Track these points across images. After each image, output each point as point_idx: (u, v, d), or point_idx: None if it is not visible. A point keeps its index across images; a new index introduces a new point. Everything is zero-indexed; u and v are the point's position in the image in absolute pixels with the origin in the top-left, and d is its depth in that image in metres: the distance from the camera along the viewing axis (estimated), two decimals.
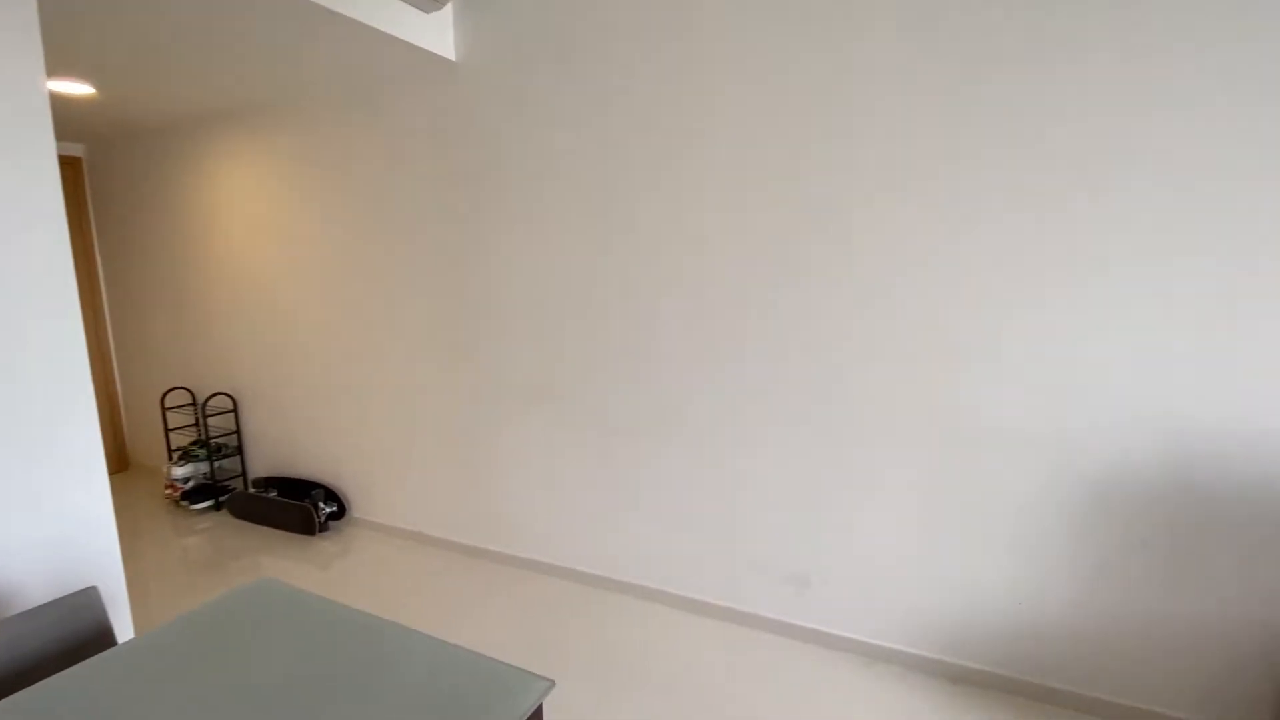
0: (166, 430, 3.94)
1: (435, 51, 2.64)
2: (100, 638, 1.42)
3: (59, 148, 2.47)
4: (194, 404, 4.03)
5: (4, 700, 1.10)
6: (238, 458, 3.98)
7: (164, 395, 4.00)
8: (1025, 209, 1.91)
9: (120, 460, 4.54)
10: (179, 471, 3.84)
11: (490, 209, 2.82)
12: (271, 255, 3.60)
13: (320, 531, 3.44)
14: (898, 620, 2.27)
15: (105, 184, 4.24)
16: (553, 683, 1.14)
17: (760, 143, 2.23)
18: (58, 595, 1.44)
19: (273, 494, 3.67)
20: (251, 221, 3.62)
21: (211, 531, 3.54)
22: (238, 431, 3.95)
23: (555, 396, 2.81)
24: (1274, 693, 1.82)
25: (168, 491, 3.87)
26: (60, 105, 3.12)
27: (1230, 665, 1.86)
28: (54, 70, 2.60)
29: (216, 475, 3.90)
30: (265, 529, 3.56)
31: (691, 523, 2.59)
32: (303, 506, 3.43)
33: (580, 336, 2.71)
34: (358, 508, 3.59)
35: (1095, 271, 1.86)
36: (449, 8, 2.67)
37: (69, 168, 4.15)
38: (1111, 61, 1.77)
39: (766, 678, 2.23)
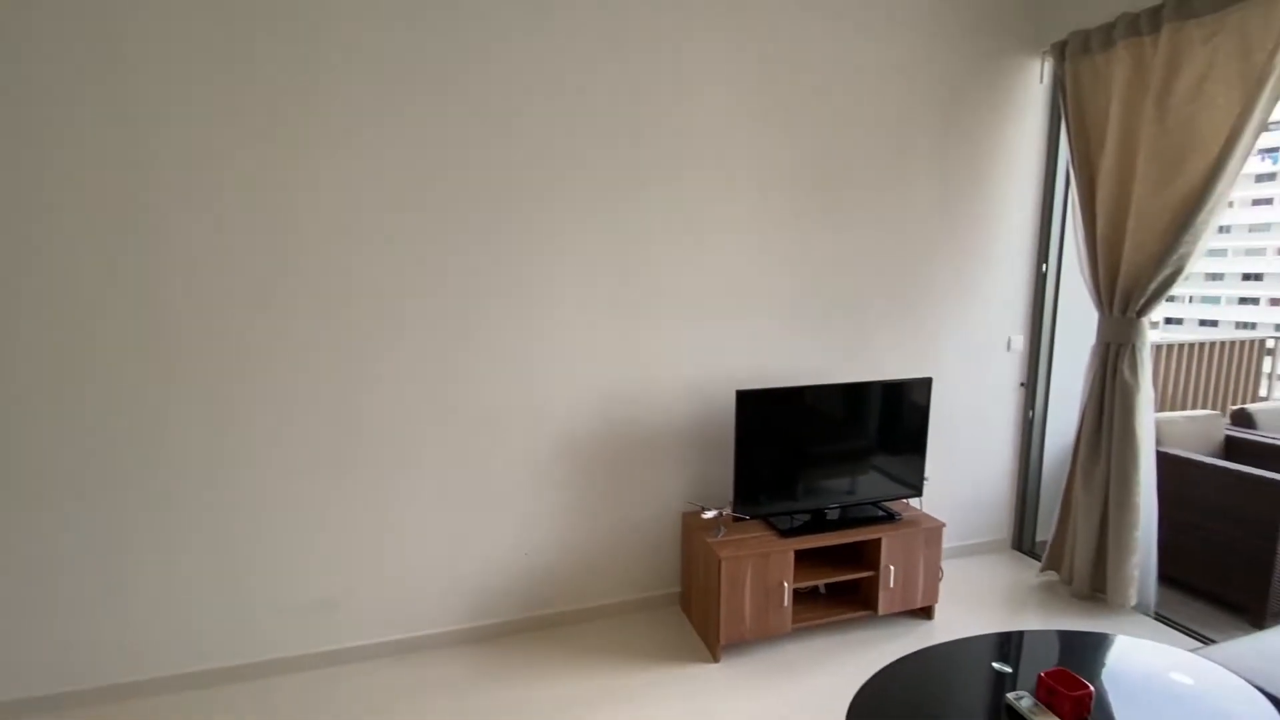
0: None
1: None
2: None
3: None
4: None
5: None
6: None
7: None
8: (490, 245, 2.31)
9: None
10: None
11: None
12: None
13: None
14: (431, 607, 2.45)
15: None
16: None
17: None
18: None
19: None
20: None
21: None
22: None
23: None
24: (676, 558, 2.73)
25: None
26: None
27: (652, 548, 2.70)
28: None
29: None
30: None
31: (189, 584, 2.19)
32: None
33: None
34: None
35: (547, 281, 2.40)
36: None
37: None
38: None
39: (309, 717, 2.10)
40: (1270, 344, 4.45)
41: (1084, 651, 1.77)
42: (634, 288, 2.51)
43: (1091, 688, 1.45)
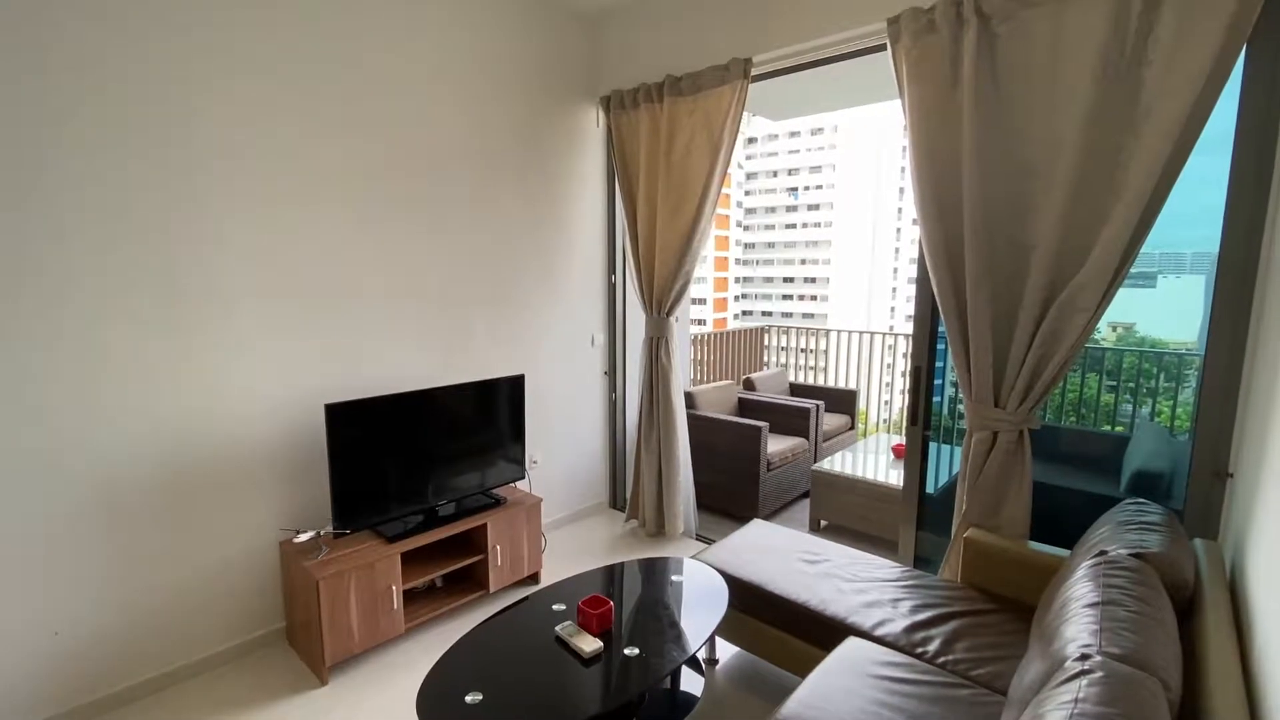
0: None
1: None
2: None
3: None
4: None
5: None
6: None
7: None
8: None
9: None
10: None
11: None
12: None
13: None
14: None
15: None
16: None
17: None
18: None
19: None
20: None
21: None
22: None
23: None
24: (279, 594, 2.54)
25: None
26: None
27: (248, 586, 2.45)
28: None
29: None
30: None
31: None
32: None
33: None
34: None
35: (70, 293, 1.96)
36: None
37: None
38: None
39: None
40: (767, 328, 6.33)
41: (625, 575, 2.30)
42: (199, 299, 2.23)
43: (611, 603, 1.92)
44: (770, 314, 49.34)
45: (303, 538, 2.34)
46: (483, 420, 2.92)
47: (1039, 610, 1.79)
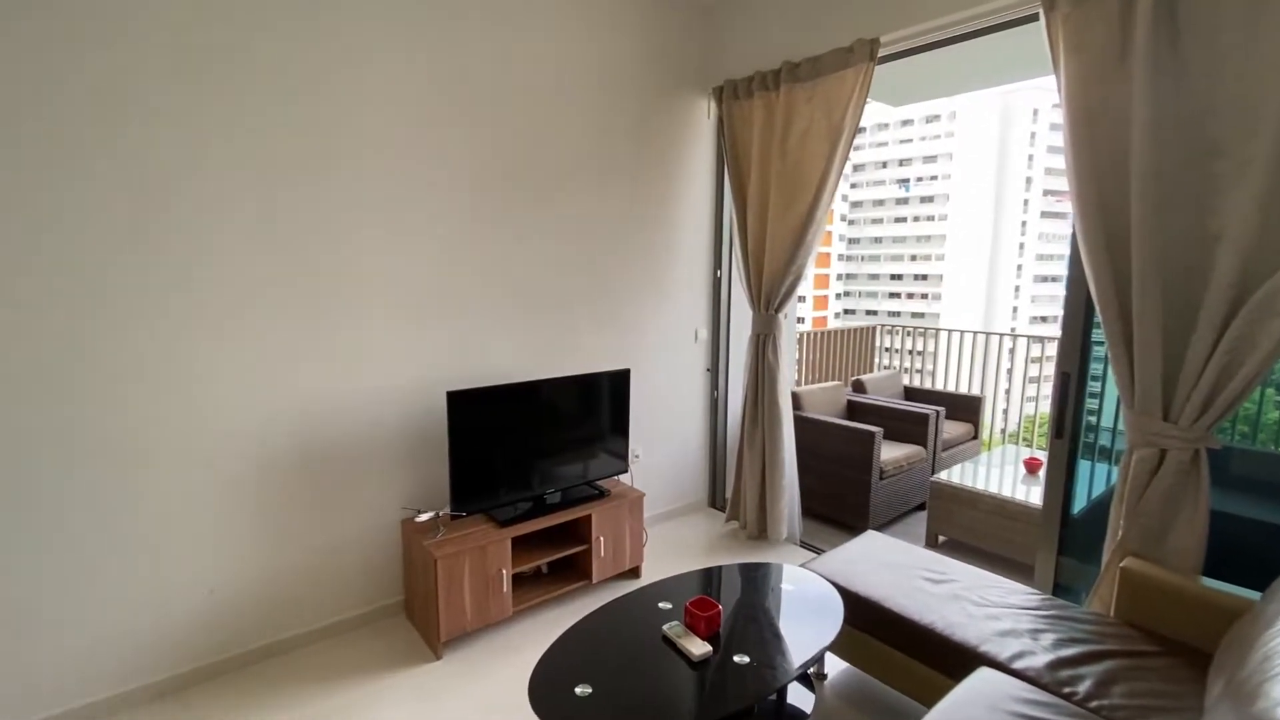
0: None
1: None
2: None
3: None
4: None
5: None
6: None
7: None
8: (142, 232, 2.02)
9: None
10: None
11: None
12: None
13: None
14: (74, 671, 2.08)
15: None
16: None
17: None
18: None
19: None
20: None
21: None
22: None
23: None
24: (399, 566, 2.70)
25: None
26: None
27: (371, 560, 2.63)
28: None
29: None
30: None
31: None
32: None
33: None
34: None
35: (223, 282, 2.18)
36: None
37: None
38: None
39: None
40: (878, 327, 5.98)
41: (730, 578, 2.24)
42: (336, 293, 2.41)
43: (720, 607, 1.87)
44: (875, 313, 46.95)
45: (423, 517, 2.47)
46: (588, 412, 2.95)
47: (1219, 658, 1.55)
